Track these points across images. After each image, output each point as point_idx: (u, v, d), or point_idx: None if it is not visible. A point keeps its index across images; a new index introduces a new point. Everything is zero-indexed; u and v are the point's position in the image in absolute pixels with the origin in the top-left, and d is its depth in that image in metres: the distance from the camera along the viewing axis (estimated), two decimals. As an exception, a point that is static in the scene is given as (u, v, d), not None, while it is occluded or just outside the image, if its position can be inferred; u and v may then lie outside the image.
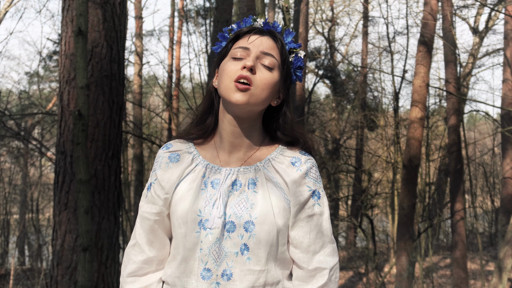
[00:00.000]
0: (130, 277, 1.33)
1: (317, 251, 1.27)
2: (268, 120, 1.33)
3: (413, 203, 6.92)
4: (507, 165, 9.29)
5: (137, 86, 12.04)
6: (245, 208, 1.22)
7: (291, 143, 1.32)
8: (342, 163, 11.95)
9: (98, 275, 3.41)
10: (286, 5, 3.45)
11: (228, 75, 1.22)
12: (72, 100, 3.49)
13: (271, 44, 1.26)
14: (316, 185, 1.29)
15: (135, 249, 1.33)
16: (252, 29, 1.28)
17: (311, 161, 1.30)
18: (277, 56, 1.26)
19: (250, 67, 1.20)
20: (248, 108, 1.22)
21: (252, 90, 1.20)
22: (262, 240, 1.20)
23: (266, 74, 1.23)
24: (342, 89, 14.31)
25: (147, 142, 10.15)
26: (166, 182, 1.29)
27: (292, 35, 1.32)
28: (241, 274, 1.20)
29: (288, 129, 1.31)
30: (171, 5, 12.69)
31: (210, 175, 1.27)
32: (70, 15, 3.58)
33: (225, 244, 1.21)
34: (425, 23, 7.16)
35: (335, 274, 1.28)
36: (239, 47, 1.25)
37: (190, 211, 1.23)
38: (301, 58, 1.32)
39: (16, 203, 13.58)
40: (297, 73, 1.33)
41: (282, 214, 1.23)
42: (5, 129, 7.44)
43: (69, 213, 3.41)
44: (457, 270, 8.56)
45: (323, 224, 1.29)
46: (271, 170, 1.27)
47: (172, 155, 1.32)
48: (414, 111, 6.99)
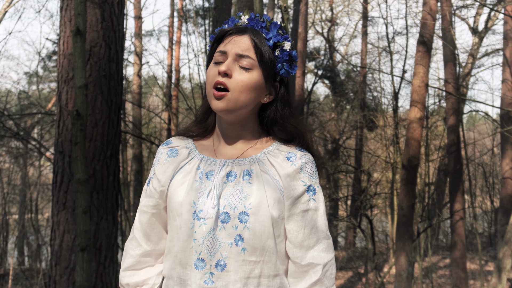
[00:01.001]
0: (128, 271, 1.35)
1: (311, 246, 1.26)
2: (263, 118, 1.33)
3: (413, 203, 6.92)
4: (506, 165, 9.30)
5: (136, 86, 12.04)
6: (240, 199, 1.22)
7: (288, 141, 1.32)
8: (342, 163, 11.96)
9: (97, 275, 3.41)
10: (285, 5, 3.45)
11: (208, 81, 1.25)
12: (71, 100, 3.49)
13: (247, 44, 1.25)
14: (311, 180, 1.28)
15: (133, 243, 1.35)
16: (230, 30, 1.28)
17: (307, 157, 1.30)
18: (253, 56, 1.24)
19: (223, 72, 1.21)
20: (230, 113, 1.24)
21: (229, 95, 1.22)
22: (256, 231, 1.21)
23: (243, 76, 1.23)
24: (341, 89, 14.32)
25: (146, 142, 10.14)
26: (162, 175, 1.31)
27: (277, 28, 1.30)
28: (236, 265, 1.20)
29: (282, 124, 1.31)
30: (170, 5, 12.70)
31: (205, 167, 1.28)
32: (68, 15, 3.57)
33: (219, 235, 1.21)
34: (424, 23, 7.16)
35: (330, 270, 1.27)
36: (218, 51, 1.27)
37: (184, 202, 1.24)
38: (287, 50, 1.29)
39: (15, 203, 13.57)
40: (285, 68, 1.31)
41: (277, 205, 1.23)
42: (4, 129, 7.44)
43: (68, 213, 3.41)
44: (456, 270, 8.56)
45: (318, 219, 1.28)
46: (266, 163, 1.28)
47: (170, 151, 1.35)
48: (413, 111, 6.99)
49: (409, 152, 6.88)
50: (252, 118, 1.31)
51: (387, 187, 11.06)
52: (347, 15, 15.19)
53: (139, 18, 12.62)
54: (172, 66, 12.87)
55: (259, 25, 1.30)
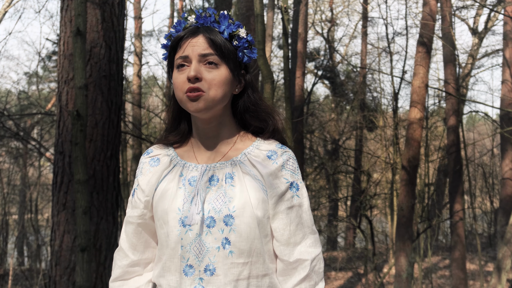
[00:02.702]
0: (117, 282, 1.36)
1: (298, 242, 1.26)
2: (236, 108, 1.34)
3: (412, 203, 6.92)
4: (506, 166, 9.30)
5: (136, 86, 12.03)
6: (224, 203, 1.23)
7: (262, 129, 1.33)
8: (341, 163, 11.97)
9: (97, 276, 3.41)
10: (285, 5, 3.45)
11: (179, 89, 1.24)
12: (71, 100, 3.49)
13: (205, 43, 1.25)
14: (294, 177, 1.29)
15: (120, 253, 1.37)
16: (184, 35, 1.27)
17: (288, 153, 1.30)
18: (215, 51, 1.24)
19: (193, 77, 1.21)
20: (209, 111, 1.24)
21: (205, 95, 1.22)
22: (242, 232, 1.21)
23: (213, 74, 1.23)
24: (341, 89, 14.32)
25: (146, 142, 10.14)
26: (146, 186, 1.32)
27: (227, 19, 1.30)
28: (225, 268, 1.20)
29: (255, 110, 1.32)
30: (170, 6, 12.70)
31: (187, 174, 1.29)
32: (68, 15, 3.57)
33: (206, 240, 1.22)
34: (424, 23, 7.16)
35: (318, 265, 1.27)
36: (179, 57, 1.26)
37: (169, 210, 1.25)
38: (244, 37, 1.29)
39: (15, 204, 13.57)
40: (246, 54, 1.31)
41: (261, 205, 1.23)
42: (4, 129, 7.44)
43: (68, 214, 3.41)
44: (456, 271, 8.56)
45: (303, 215, 1.28)
46: (247, 164, 1.28)
47: (152, 160, 1.35)
48: (413, 112, 6.99)
49: (409, 153, 6.88)
50: (227, 113, 1.31)
51: (386, 188, 11.06)
52: (347, 15, 15.20)
53: (139, 18, 12.62)
54: (172, 66, 12.84)
55: (208, 21, 1.29)
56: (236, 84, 1.30)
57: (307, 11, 11.05)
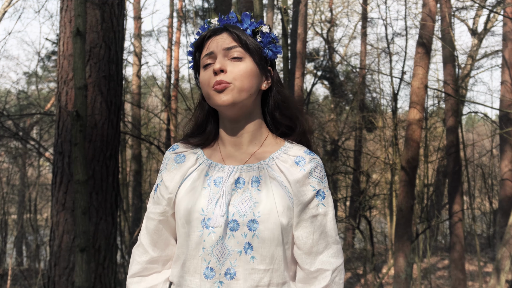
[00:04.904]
0: (135, 277, 1.34)
1: (320, 252, 1.24)
2: (265, 107, 1.33)
3: (411, 204, 6.93)
4: (505, 167, 9.30)
5: (135, 86, 12.03)
6: (249, 207, 1.20)
7: (291, 129, 1.32)
8: (341, 164, 11.96)
9: (96, 276, 3.41)
10: (285, 6, 3.45)
11: (206, 85, 1.24)
12: (70, 101, 3.49)
13: (230, 38, 1.26)
14: (320, 185, 1.27)
15: (139, 249, 1.34)
16: (207, 34, 1.29)
17: (316, 161, 1.28)
18: (239, 43, 1.25)
19: (219, 69, 1.21)
20: (235, 105, 1.23)
21: (231, 86, 1.21)
22: (266, 239, 1.19)
23: (239, 66, 1.23)
24: (340, 90, 14.32)
25: (146, 142, 10.14)
26: (170, 182, 1.29)
27: (249, 17, 1.30)
28: (245, 273, 1.18)
29: (286, 107, 1.31)
30: (170, 6, 12.70)
31: (213, 174, 1.27)
32: (68, 15, 3.57)
33: (228, 243, 1.19)
34: (423, 24, 7.17)
35: (339, 276, 1.25)
36: (204, 56, 1.27)
37: (192, 210, 1.22)
38: (267, 33, 1.30)
39: (14, 203, 13.56)
40: (271, 49, 1.31)
41: (286, 213, 1.21)
42: (3, 129, 7.42)
43: (67, 214, 3.41)
44: (455, 272, 8.56)
45: (327, 224, 1.26)
46: (275, 168, 1.26)
47: (177, 157, 1.33)
48: (412, 113, 7.00)
49: (408, 153, 6.88)
50: (256, 111, 1.30)
51: (386, 188, 11.06)
52: (346, 16, 15.21)
53: (139, 18, 12.62)
54: (171, 66, 12.86)
55: (231, 21, 1.30)
56: (263, 79, 1.29)
57: (307, 12, 11.05)
